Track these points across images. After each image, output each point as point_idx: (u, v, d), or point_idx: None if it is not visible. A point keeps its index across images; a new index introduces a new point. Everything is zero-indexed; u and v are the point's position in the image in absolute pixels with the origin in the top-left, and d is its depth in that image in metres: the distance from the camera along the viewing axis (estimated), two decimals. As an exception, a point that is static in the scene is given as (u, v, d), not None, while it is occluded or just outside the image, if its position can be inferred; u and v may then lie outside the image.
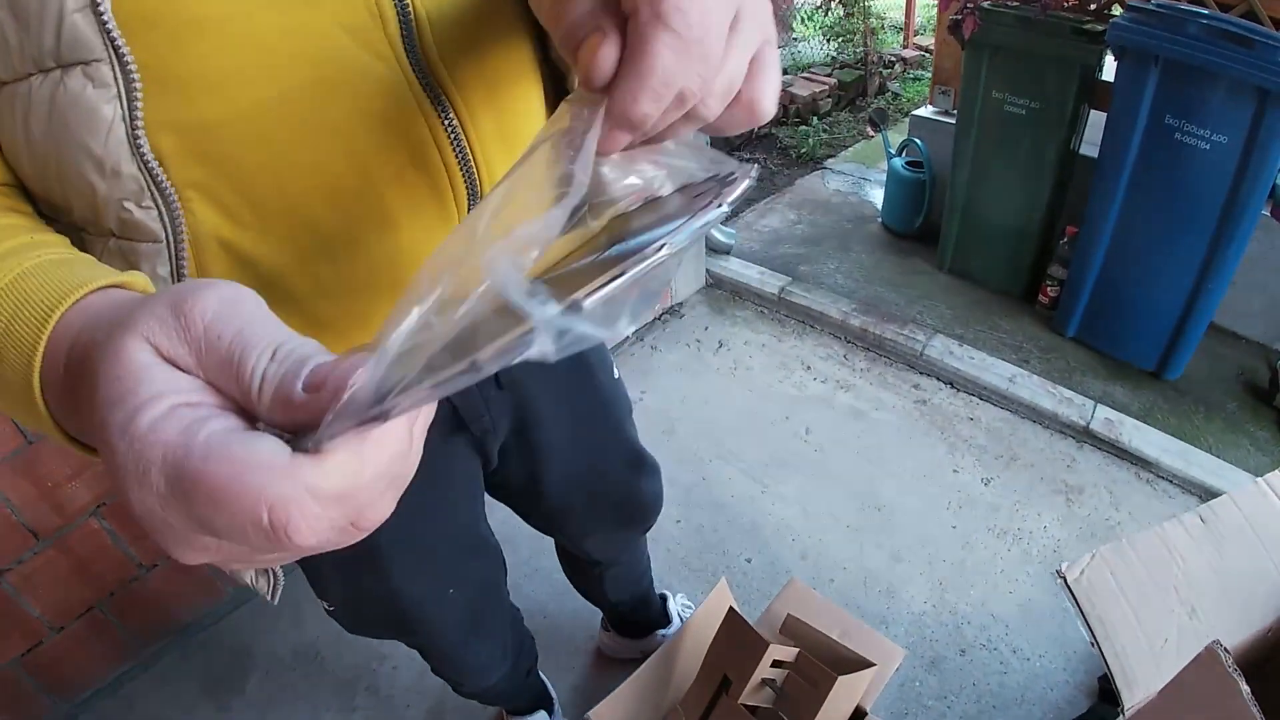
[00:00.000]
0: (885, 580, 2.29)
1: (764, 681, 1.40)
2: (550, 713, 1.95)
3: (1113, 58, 2.64)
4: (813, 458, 2.74)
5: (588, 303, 0.33)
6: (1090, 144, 2.97)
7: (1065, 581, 1.31)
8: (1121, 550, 1.35)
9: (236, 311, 0.38)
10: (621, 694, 1.55)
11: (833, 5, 5.67)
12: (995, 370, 2.94)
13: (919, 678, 2.04)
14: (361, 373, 0.34)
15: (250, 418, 0.37)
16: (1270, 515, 1.41)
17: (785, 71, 5.87)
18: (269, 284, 0.72)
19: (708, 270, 3.58)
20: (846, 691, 1.39)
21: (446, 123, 0.73)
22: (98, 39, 0.55)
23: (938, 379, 3.02)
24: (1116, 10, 2.91)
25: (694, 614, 1.63)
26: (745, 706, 1.39)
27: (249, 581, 0.95)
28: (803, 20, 6.69)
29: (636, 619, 2.06)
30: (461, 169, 0.76)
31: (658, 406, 2.96)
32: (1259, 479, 1.47)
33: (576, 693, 2.09)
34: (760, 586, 2.29)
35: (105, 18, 0.54)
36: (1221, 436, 2.75)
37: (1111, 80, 2.69)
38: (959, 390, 2.97)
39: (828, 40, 6.10)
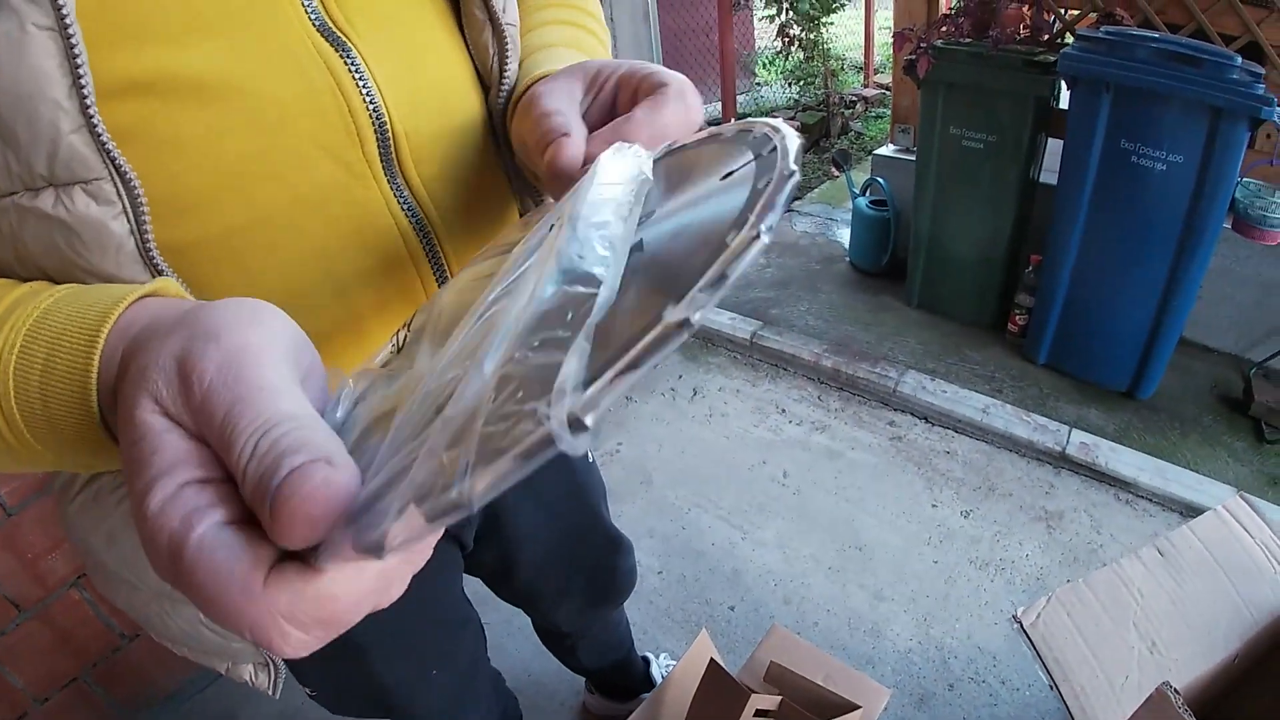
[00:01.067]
0: (869, 620, 2.28)
1: (750, 730, 1.39)
2: None
3: (1066, 87, 2.68)
4: (791, 501, 2.73)
5: (604, 399, 0.30)
6: (1050, 172, 3.01)
7: (1021, 626, 1.30)
8: (1078, 590, 1.35)
9: (234, 378, 0.36)
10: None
11: (793, 50, 5.75)
12: (969, 402, 2.95)
13: (909, 715, 2.02)
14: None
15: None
16: (1231, 542, 1.41)
17: (748, 117, 5.94)
18: None
19: (680, 318, 3.57)
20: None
21: (423, 238, 0.74)
22: (96, 157, 0.54)
23: (912, 414, 3.03)
24: (1069, 39, 2.96)
25: (676, 667, 1.62)
26: (731, 755, 1.38)
27: (249, 678, 0.94)
28: (764, 65, 6.79)
29: (618, 683, 2.04)
30: (436, 276, 0.77)
31: (634, 457, 2.95)
32: (1218, 507, 1.46)
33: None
34: (744, 634, 2.27)
35: (103, 137, 0.53)
36: (1199, 450, 2.76)
37: (1066, 109, 2.73)
38: (934, 424, 2.97)
39: (789, 84, 6.18)
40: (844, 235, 4.31)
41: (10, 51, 0.49)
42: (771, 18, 5.78)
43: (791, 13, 5.62)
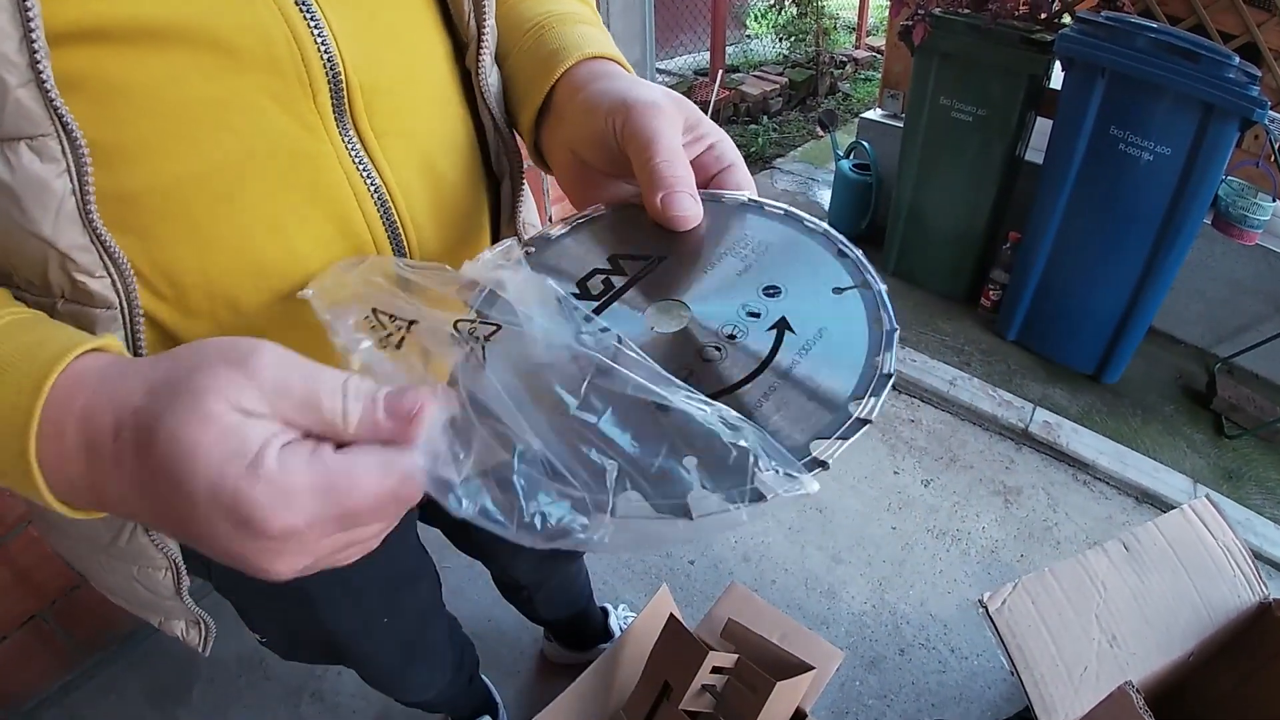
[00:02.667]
0: (826, 581, 2.31)
1: (704, 687, 1.41)
2: (495, 717, 1.94)
3: (1061, 68, 2.69)
4: (756, 459, 2.75)
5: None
6: (1036, 150, 3.03)
7: (987, 611, 1.33)
8: (1044, 579, 1.38)
9: (289, 362, 0.45)
10: (562, 702, 1.55)
11: (786, 4, 5.70)
12: (937, 373, 2.99)
13: (859, 677, 2.06)
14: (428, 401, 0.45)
15: (320, 439, 0.46)
16: (1194, 542, 1.44)
17: (736, 69, 5.90)
18: None
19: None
20: (785, 696, 1.41)
21: (377, 198, 0.72)
22: (43, 113, 0.52)
23: (882, 380, 3.05)
24: (1067, 20, 2.96)
25: (635, 620, 1.64)
26: (686, 712, 1.40)
27: (179, 634, 0.94)
28: (755, 18, 6.72)
29: (576, 633, 2.05)
30: (393, 245, 0.74)
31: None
32: (1184, 506, 1.49)
33: (522, 696, 2.08)
34: (703, 589, 2.30)
35: (51, 93, 0.52)
36: (1158, 439, 2.81)
37: (1059, 89, 2.73)
38: (900, 392, 3.00)
39: (780, 39, 6.12)
40: (824, 196, 4.31)
41: None
42: (767, -30, 5.69)
43: (787, -34, 5.53)
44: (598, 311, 0.54)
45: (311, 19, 0.62)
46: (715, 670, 1.41)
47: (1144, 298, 2.78)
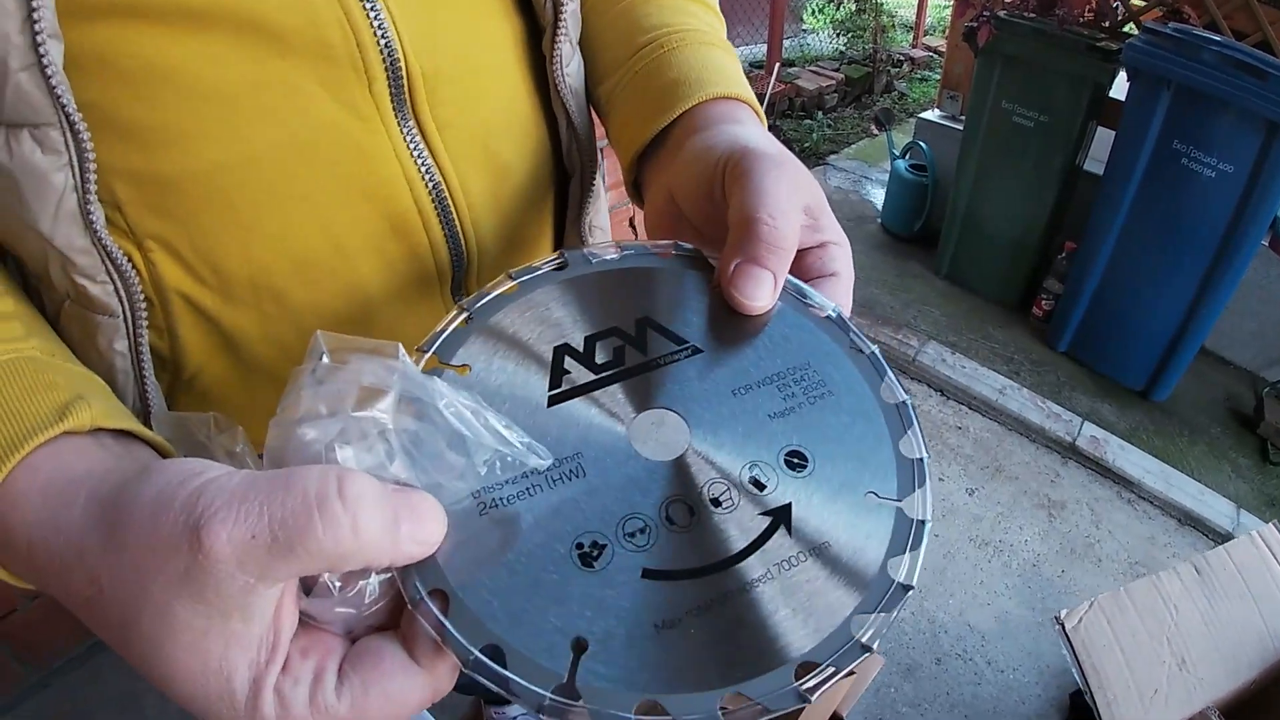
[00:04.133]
0: (866, 585, 2.30)
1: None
2: None
3: (1125, 78, 2.65)
4: (800, 457, 2.75)
5: None
6: (1095, 161, 2.99)
7: (1064, 629, 1.32)
8: (1119, 598, 1.37)
9: (249, 507, 0.35)
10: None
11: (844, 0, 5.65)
12: (986, 381, 2.96)
13: (894, 684, 2.05)
14: None
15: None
16: (1261, 568, 1.43)
17: (793, 63, 5.86)
18: (232, 344, 0.66)
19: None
20: (824, 699, 1.41)
21: (434, 193, 0.66)
22: (46, 100, 0.48)
23: (929, 385, 3.04)
24: (1131, 29, 2.91)
25: None
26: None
27: None
28: (813, 13, 6.67)
29: None
30: (448, 242, 0.69)
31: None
32: (1254, 531, 1.49)
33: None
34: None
35: (53, 80, 0.47)
36: (1204, 461, 2.78)
37: (1122, 99, 2.70)
38: (949, 398, 2.99)
39: (837, 35, 6.08)
40: (877, 195, 4.28)
41: None
42: (826, -34, 5.65)
43: (847, -38, 5.49)
44: (586, 390, 0.44)
45: (369, 3, 0.57)
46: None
47: (1198, 316, 2.74)
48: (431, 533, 0.37)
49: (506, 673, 0.36)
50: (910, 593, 0.39)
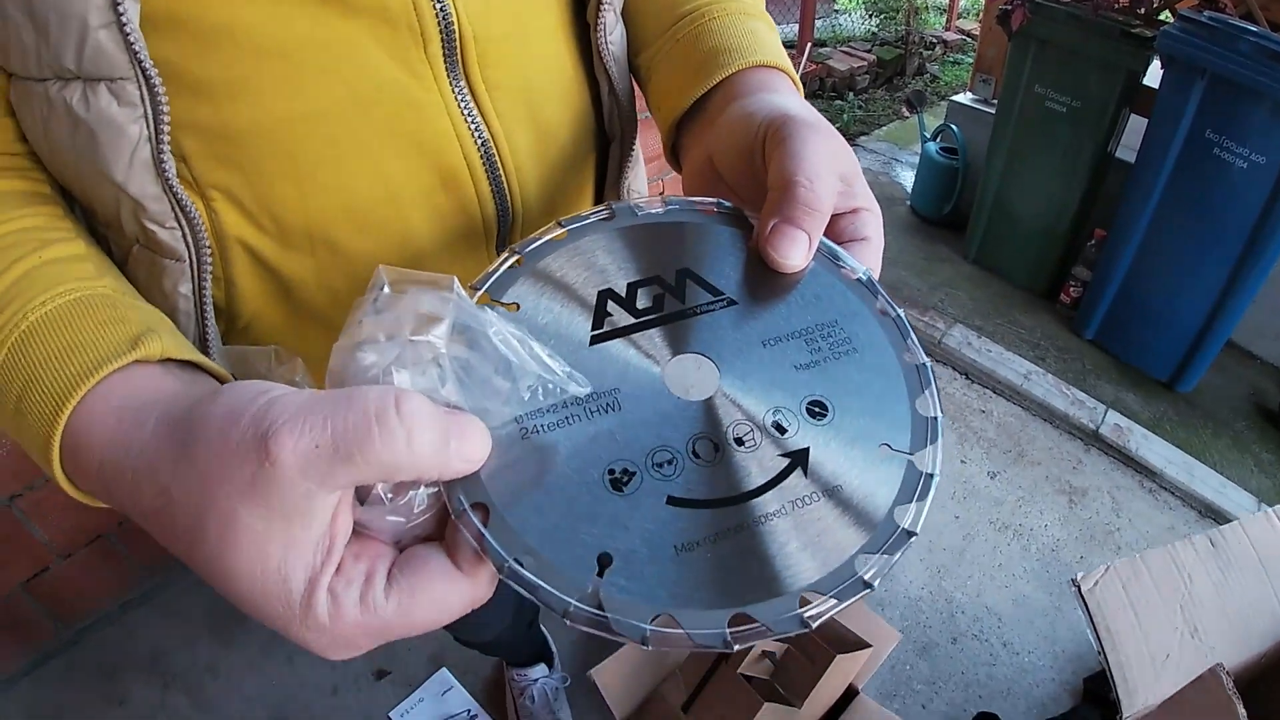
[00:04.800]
0: (885, 564, 2.33)
1: (764, 654, 1.44)
2: (550, 666, 1.99)
3: (1159, 65, 2.63)
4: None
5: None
6: (1127, 148, 2.97)
7: (1079, 590, 1.33)
8: (1134, 564, 1.38)
9: (313, 417, 0.39)
10: (623, 655, 1.60)
11: (879, -20, 5.63)
12: (1011, 365, 2.97)
13: (910, 661, 2.08)
14: None
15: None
16: (1276, 545, 1.44)
17: (824, 44, 5.84)
18: (287, 291, 0.71)
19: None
20: (842, 669, 1.43)
21: (482, 149, 0.70)
22: (123, 56, 0.52)
23: (954, 368, 3.05)
24: (1167, 17, 2.89)
25: None
26: (743, 676, 1.43)
27: None
28: (847, -8, 6.64)
29: None
30: (495, 197, 0.73)
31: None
32: (1269, 508, 1.49)
33: (577, 648, 2.12)
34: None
35: (131, 37, 0.51)
36: (1226, 454, 2.78)
37: (1155, 87, 2.68)
38: (973, 382, 2.99)
39: (870, 15, 6.05)
40: (907, 177, 4.27)
41: None
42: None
43: (883, -58, 5.46)
44: (626, 333, 0.47)
45: None
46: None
47: (1226, 308, 2.73)
48: (477, 451, 0.40)
49: (537, 580, 0.39)
50: (913, 539, 0.42)
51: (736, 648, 0.39)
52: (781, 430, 0.44)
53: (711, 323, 0.48)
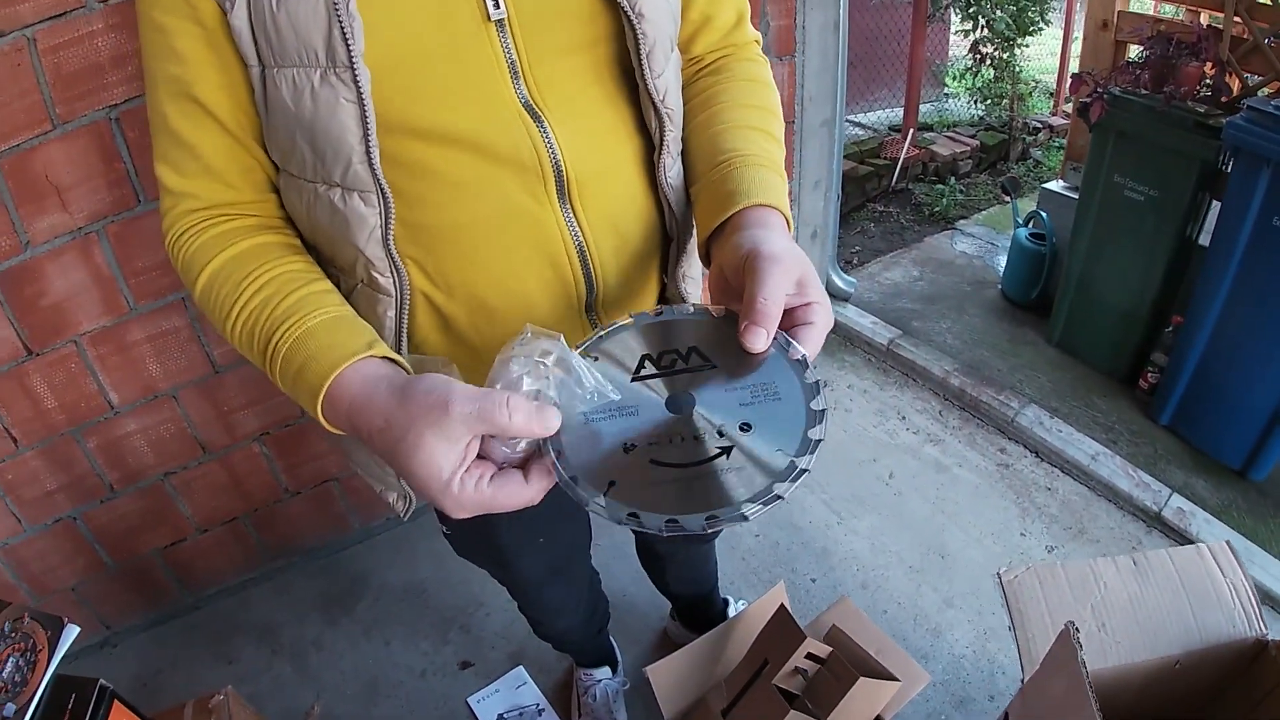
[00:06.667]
0: (934, 620, 2.44)
1: (797, 669, 1.58)
2: (614, 670, 2.24)
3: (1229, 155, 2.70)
4: (891, 500, 2.90)
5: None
6: (1210, 234, 2.99)
7: (1000, 580, 1.58)
8: (1053, 569, 1.58)
9: (470, 395, 0.72)
10: (677, 658, 1.79)
11: (984, 67, 5.74)
12: (1080, 446, 3.02)
13: (946, 713, 2.17)
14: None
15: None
16: (1201, 574, 1.56)
17: (930, 128, 5.97)
18: (447, 325, 1.09)
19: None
20: (866, 695, 1.54)
21: (579, 249, 1.05)
22: (370, 179, 0.90)
23: (1024, 446, 3.12)
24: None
25: (751, 606, 1.89)
26: (777, 687, 1.57)
27: (390, 500, 1.29)
28: (954, 78, 6.76)
29: (697, 615, 2.30)
30: (585, 280, 1.08)
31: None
32: (1200, 545, 1.61)
33: (639, 659, 2.34)
34: (818, 604, 2.46)
35: (377, 170, 0.89)
36: (1295, 543, 2.77)
37: (1230, 175, 2.73)
38: (1042, 459, 3.06)
39: (976, 101, 6.15)
40: (1000, 262, 4.34)
41: (329, 110, 0.85)
42: (966, 33, 5.75)
43: (987, 30, 5.57)
44: (651, 378, 0.79)
45: (545, 134, 0.96)
46: (809, 657, 1.59)
47: (1300, 395, 2.74)
48: (550, 427, 0.73)
49: (579, 488, 0.71)
50: (805, 474, 0.71)
51: (709, 531, 0.80)
52: (722, 434, 0.74)
53: (699, 377, 0.79)
